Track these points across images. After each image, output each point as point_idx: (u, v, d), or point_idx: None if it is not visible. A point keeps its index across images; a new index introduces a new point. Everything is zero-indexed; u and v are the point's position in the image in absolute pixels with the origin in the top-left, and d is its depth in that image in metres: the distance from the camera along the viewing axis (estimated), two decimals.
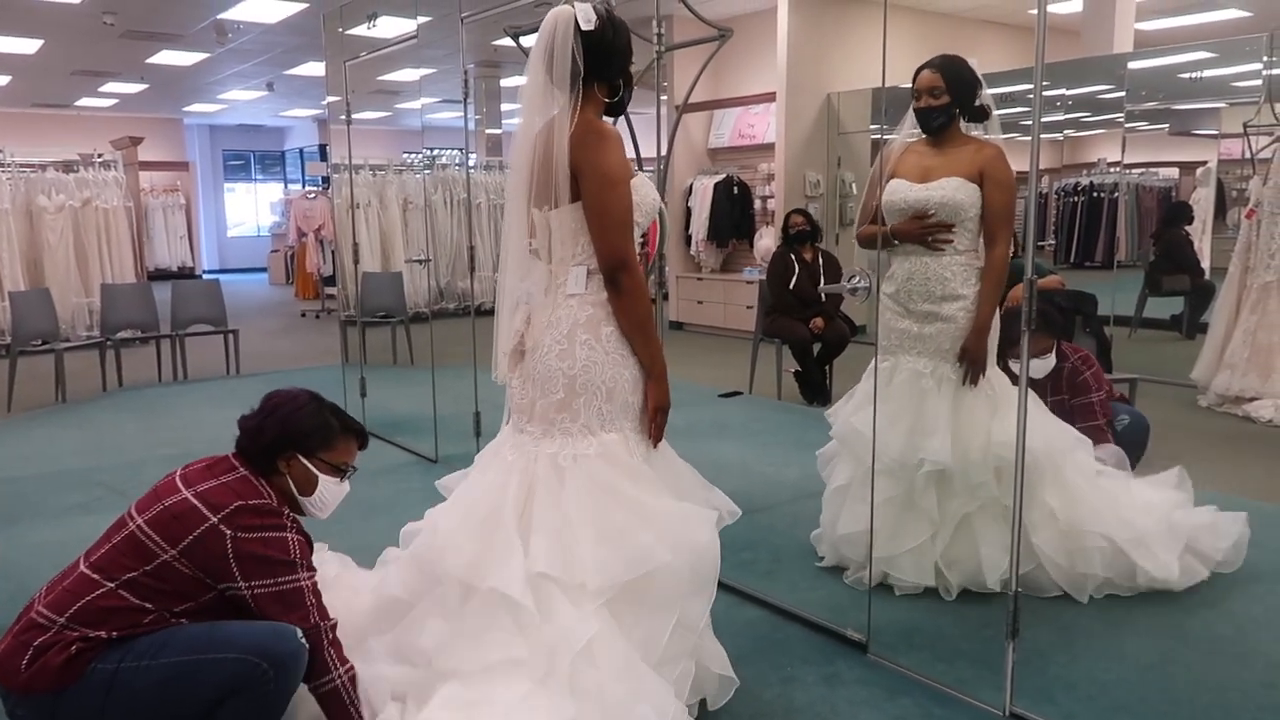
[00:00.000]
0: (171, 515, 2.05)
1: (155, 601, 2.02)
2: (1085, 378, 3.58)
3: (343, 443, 2.31)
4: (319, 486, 2.25)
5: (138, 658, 1.96)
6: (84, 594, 2.00)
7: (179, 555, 2.02)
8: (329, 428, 2.27)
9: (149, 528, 2.05)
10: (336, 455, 2.29)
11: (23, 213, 8.62)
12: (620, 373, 2.24)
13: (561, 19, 2.17)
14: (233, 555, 2.03)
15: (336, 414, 2.32)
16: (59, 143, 12.33)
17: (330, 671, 2.07)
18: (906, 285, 3.15)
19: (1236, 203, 6.47)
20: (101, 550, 2.09)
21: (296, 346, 9.28)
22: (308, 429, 2.24)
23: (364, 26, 5.50)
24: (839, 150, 8.50)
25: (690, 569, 2.18)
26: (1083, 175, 7.55)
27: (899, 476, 3.09)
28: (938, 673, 2.67)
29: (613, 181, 2.17)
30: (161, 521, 2.05)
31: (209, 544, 2.02)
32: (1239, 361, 5.70)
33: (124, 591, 2.00)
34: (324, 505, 2.28)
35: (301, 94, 14.06)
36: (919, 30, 8.18)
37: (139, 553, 2.03)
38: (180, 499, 2.08)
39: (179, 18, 8.98)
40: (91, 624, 1.98)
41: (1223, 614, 3.01)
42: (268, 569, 2.05)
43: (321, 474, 2.25)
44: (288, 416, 2.22)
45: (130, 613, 2.00)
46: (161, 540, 2.03)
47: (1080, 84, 7.34)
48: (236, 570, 2.03)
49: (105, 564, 2.04)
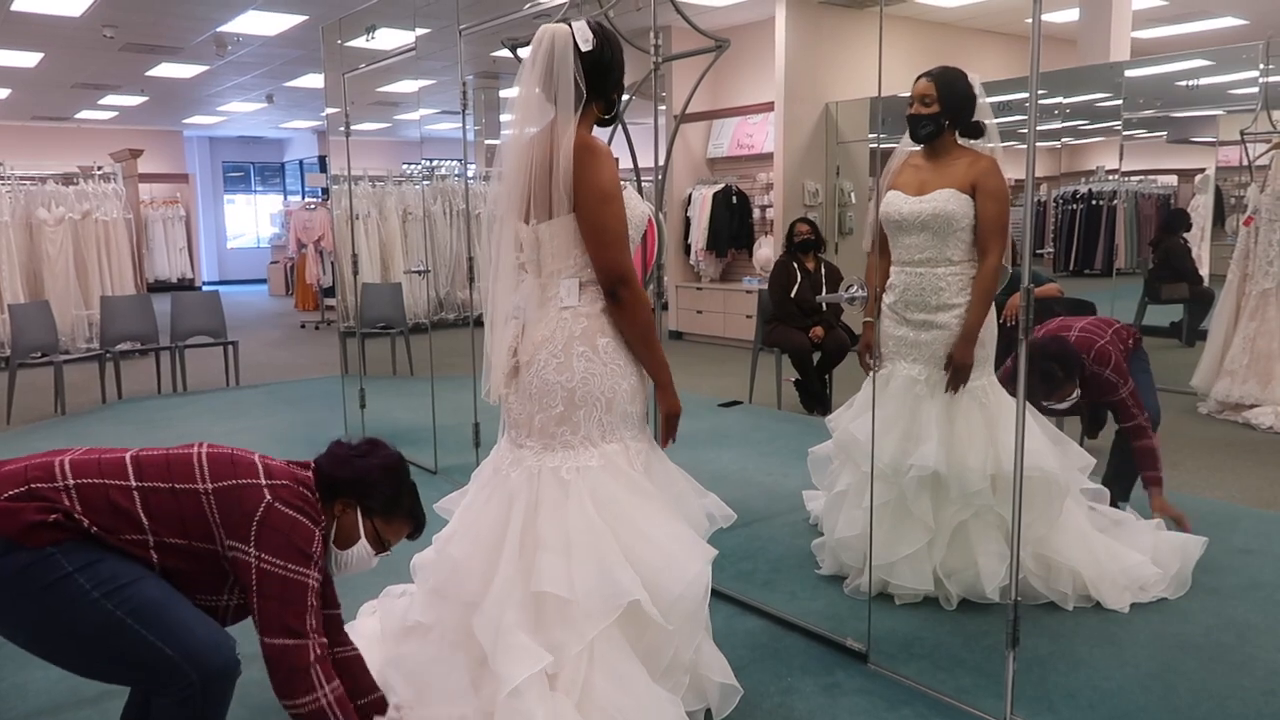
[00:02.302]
0: (231, 459, 2.05)
1: (155, 521, 1.96)
2: (1106, 376, 3.50)
3: (401, 523, 2.26)
4: (355, 547, 2.20)
5: (93, 581, 1.88)
6: (107, 475, 1.96)
7: (211, 492, 1.99)
8: (399, 503, 2.24)
9: (205, 459, 2.04)
10: (389, 529, 2.24)
11: (22, 225, 8.63)
12: (618, 383, 2.24)
13: (559, 39, 2.16)
14: (259, 518, 1.98)
15: (413, 495, 2.28)
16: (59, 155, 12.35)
17: (316, 690, 1.98)
18: (904, 295, 3.20)
19: (1235, 210, 6.49)
20: (154, 452, 2.06)
21: (296, 358, 9.28)
22: (383, 491, 2.20)
23: (363, 39, 5.52)
24: (837, 159, 8.52)
25: (669, 608, 2.14)
26: (1081, 183, 7.56)
27: (893, 482, 3.10)
28: (938, 682, 2.66)
29: (607, 197, 2.17)
30: (219, 459, 2.04)
31: (245, 496, 1.99)
32: (1238, 368, 5.70)
33: (138, 495, 1.96)
34: (346, 565, 2.22)
35: (301, 106, 14.09)
36: (916, 40, 8.21)
37: (181, 471, 2.01)
38: (248, 455, 2.09)
39: (179, 31, 9.01)
40: (87, 505, 1.92)
41: (1224, 621, 3.00)
42: (285, 549, 1.99)
43: (365, 537, 2.21)
44: (373, 469, 2.20)
45: (126, 520, 1.94)
46: (207, 471, 2.01)
47: (1078, 92, 7.35)
48: (255, 534, 1.97)
49: (146, 464, 2.01)
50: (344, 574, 2.24)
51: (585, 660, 2.11)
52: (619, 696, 2.09)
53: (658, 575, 2.14)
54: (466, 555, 2.28)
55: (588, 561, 2.13)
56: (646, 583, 2.13)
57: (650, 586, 2.13)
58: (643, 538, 2.17)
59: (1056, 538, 3.11)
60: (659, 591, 2.13)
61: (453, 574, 2.30)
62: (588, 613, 2.11)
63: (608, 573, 2.11)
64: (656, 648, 2.16)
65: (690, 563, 2.17)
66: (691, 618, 2.19)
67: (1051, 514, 3.08)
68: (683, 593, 2.13)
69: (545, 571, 2.14)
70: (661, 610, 2.13)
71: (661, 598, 2.13)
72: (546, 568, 2.15)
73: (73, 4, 7.85)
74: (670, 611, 2.13)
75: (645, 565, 2.14)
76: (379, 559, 2.26)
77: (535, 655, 2.08)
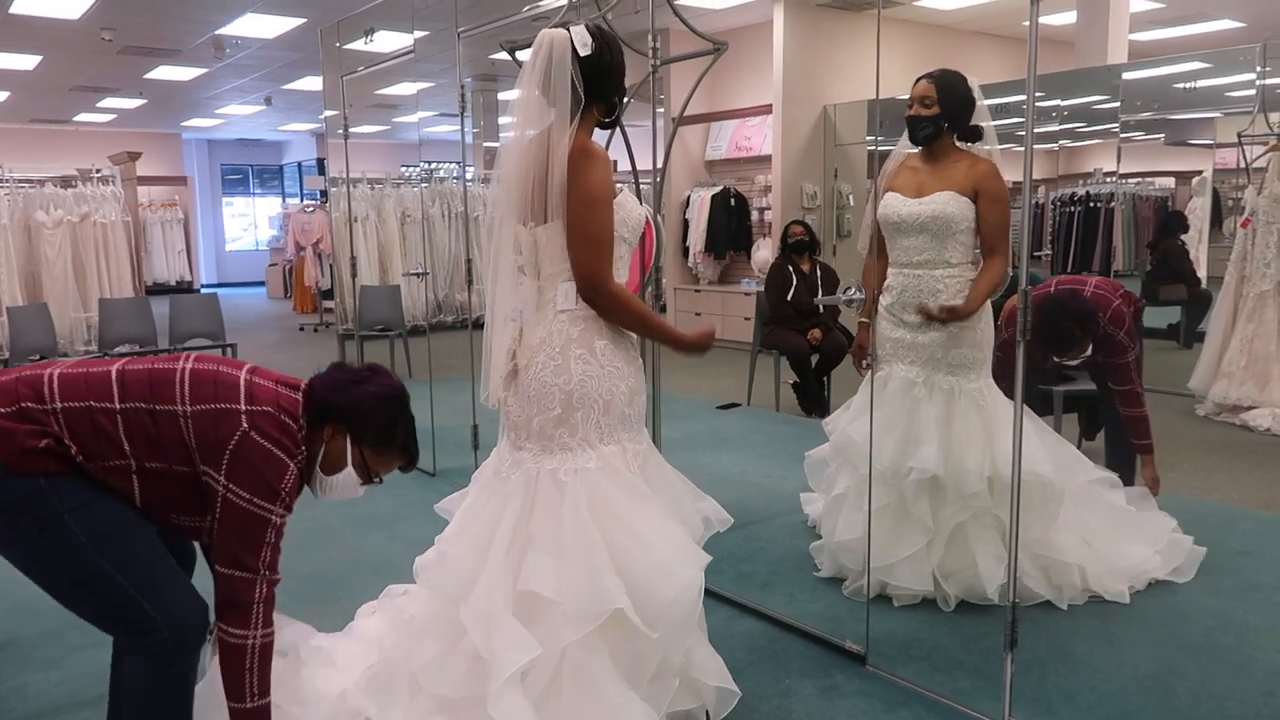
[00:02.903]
0: (214, 378, 2.00)
1: (135, 445, 1.93)
2: (1119, 339, 3.50)
3: (393, 456, 2.21)
4: (342, 473, 2.15)
5: (83, 525, 1.89)
6: (93, 395, 1.93)
7: (189, 414, 1.95)
8: (393, 435, 2.18)
9: (188, 376, 1.99)
10: (378, 461, 2.19)
11: (21, 228, 8.62)
12: (616, 385, 2.24)
13: (558, 43, 2.16)
14: (234, 447, 1.93)
15: (408, 428, 2.22)
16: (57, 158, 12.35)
17: (250, 627, 1.95)
18: (901, 298, 3.20)
19: (1232, 212, 6.49)
20: (139, 365, 2.02)
21: (295, 360, 9.28)
22: (377, 421, 2.14)
23: (361, 41, 5.53)
24: (836, 162, 8.52)
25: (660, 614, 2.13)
26: (1079, 185, 7.57)
27: (892, 484, 3.11)
28: (936, 684, 2.66)
29: (593, 201, 2.17)
30: (201, 377, 1.99)
31: (222, 421, 1.95)
32: (1236, 370, 5.71)
33: (120, 418, 1.93)
34: (331, 490, 2.16)
35: (299, 108, 14.10)
36: (914, 42, 8.23)
37: (162, 389, 1.97)
38: (234, 373, 2.03)
39: (177, 33, 9.01)
40: (73, 431, 1.90)
41: (1222, 623, 3.00)
42: (253, 482, 1.95)
43: (353, 464, 2.15)
44: (368, 397, 2.12)
45: (110, 443, 1.92)
46: (188, 391, 1.97)
47: (1075, 95, 7.37)
48: (226, 462, 1.93)
49: (131, 380, 1.97)
50: (327, 498, 2.19)
51: (555, 663, 2.11)
52: (584, 704, 2.08)
53: (649, 580, 2.13)
54: (458, 553, 2.28)
55: (577, 565, 2.13)
56: (638, 587, 2.12)
57: (642, 591, 2.12)
58: (636, 542, 2.16)
59: (1056, 538, 3.12)
60: (650, 597, 2.12)
61: (442, 569, 2.30)
62: (569, 617, 2.11)
63: (594, 578, 2.11)
64: (643, 654, 2.16)
65: (683, 568, 2.16)
66: (681, 623, 2.18)
67: (1048, 516, 3.09)
68: (675, 598, 2.12)
69: (533, 571, 2.15)
70: (652, 615, 2.12)
71: (653, 603, 2.12)
72: (535, 567, 2.15)
73: (71, 7, 7.85)
74: (661, 617, 2.12)
75: (637, 570, 2.14)
76: (365, 489, 2.21)
77: (528, 644, 2.08)
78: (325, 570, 3.60)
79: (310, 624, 2.70)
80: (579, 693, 2.10)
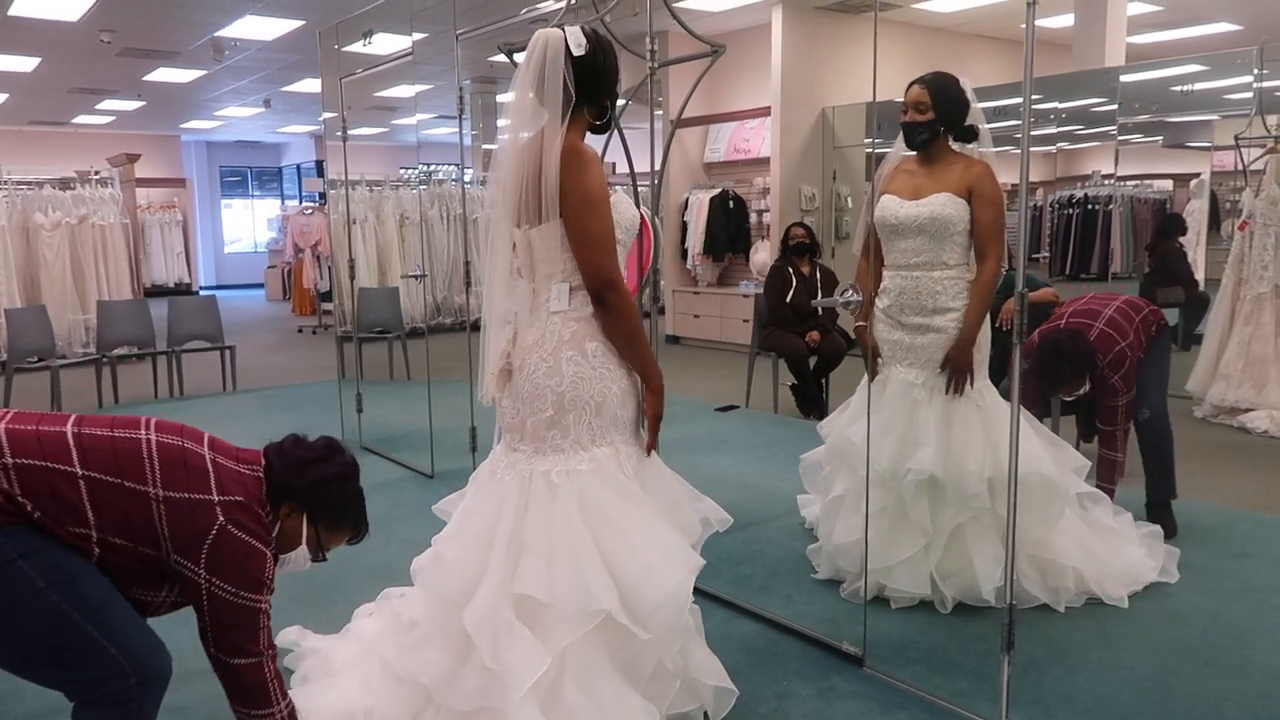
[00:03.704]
0: (183, 460, 1.93)
1: (100, 516, 1.85)
2: (1113, 382, 3.51)
3: (343, 532, 2.22)
4: (296, 551, 2.14)
5: (39, 570, 1.79)
6: (50, 456, 1.83)
7: (162, 500, 1.88)
8: (345, 515, 2.19)
9: (156, 450, 1.91)
10: (330, 538, 2.20)
11: (19, 230, 8.63)
12: (608, 387, 2.24)
13: (552, 42, 2.17)
14: (211, 541, 1.89)
15: (359, 502, 2.23)
16: (56, 160, 12.36)
17: (273, 705, 1.97)
18: (899, 300, 3.20)
19: (1230, 214, 6.50)
20: (97, 431, 1.91)
21: (293, 362, 9.28)
22: (334, 503, 2.15)
23: (360, 43, 5.53)
24: (834, 164, 8.53)
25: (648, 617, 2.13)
26: (1077, 188, 7.58)
27: (890, 486, 3.11)
28: (933, 686, 2.66)
29: (592, 202, 2.18)
30: (170, 457, 1.92)
31: (197, 515, 1.89)
32: (1234, 373, 5.72)
33: (84, 486, 1.84)
34: (284, 566, 2.15)
35: (298, 110, 14.11)
36: (912, 45, 8.24)
37: (130, 465, 1.88)
38: (200, 453, 1.96)
39: (176, 36, 9.01)
40: (28, 490, 1.80)
41: (1220, 625, 3.01)
42: (238, 578, 1.92)
43: (306, 542, 2.15)
44: (329, 480, 2.12)
45: (71, 511, 1.83)
46: (159, 471, 1.89)
47: (1073, 97, 7.37)
48: (205, 557, 1.88)
49: (90, 447, 1.87)
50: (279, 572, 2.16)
51: (556, 666, 2.11)
52: (586, 704, 2.08)
53: (637, 584, 2.13)
54: (454, 554, 2.28)
55: (567, 567, 2.13)
56: (626, 591, 2.13)
57: (630, 595, 2.13)
58: (625, 545, 2.16)
59: (1055, 540, 3.13)
60: (638, 600, 2.13)
61: (438, 570, 2.30)
62: (564, 618, 2.11)
63: (583, 580, 2.11)
64: (639, 656, 2.16)
65: (671, 572, 2.16)
66: (671, 626, 2.18)
67: (1052, 517, 3.09)
68: (662, 602, 2.12)
69: (526, 573, 2.15)
70: (641, 618, 2.12)
71: (640, 606, 2.12)
72: (528, 570, 2.15)
73: (70, 9, 7.85)
74: (648, 620, 2.13)
75: (626, 573, 2.14)
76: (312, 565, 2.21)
77: (539, 656, 2.08)
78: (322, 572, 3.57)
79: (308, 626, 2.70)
80: (581, 693, 2.10)
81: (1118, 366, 3.51)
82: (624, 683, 2.13)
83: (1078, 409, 4.38)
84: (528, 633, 2.11)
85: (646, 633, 2.12)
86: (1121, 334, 3.54)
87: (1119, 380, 3.51)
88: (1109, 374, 3.51)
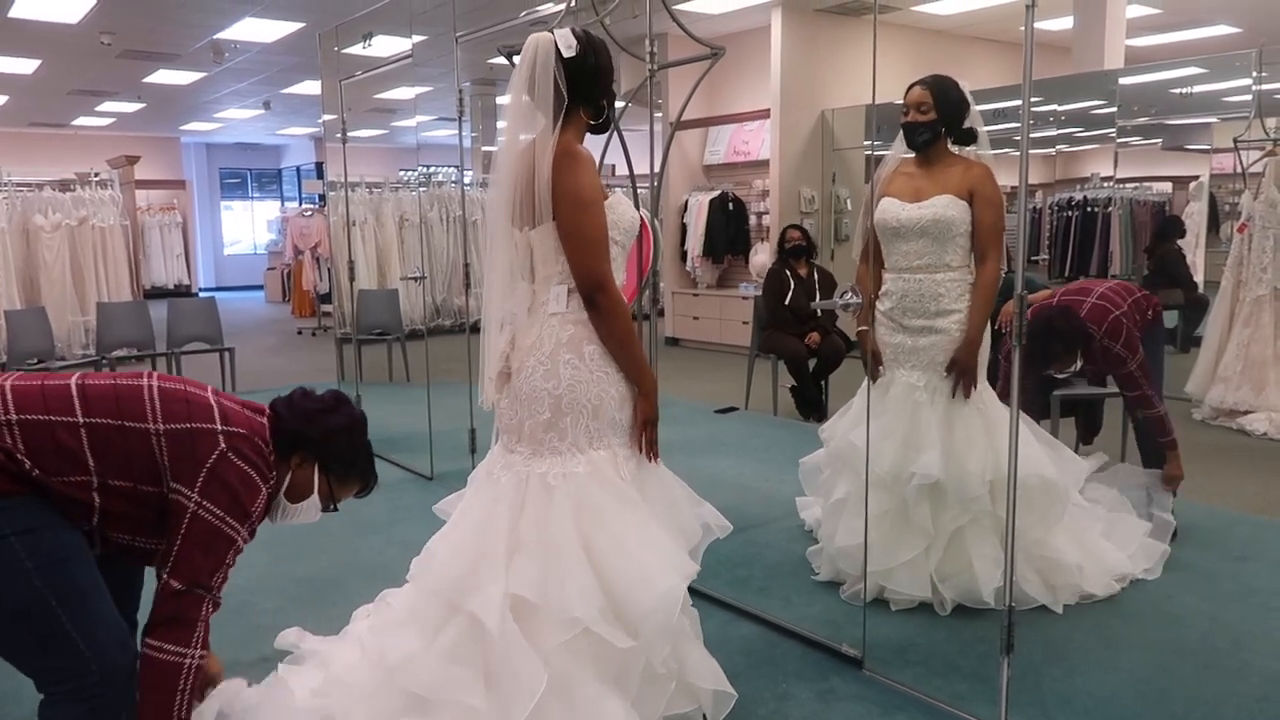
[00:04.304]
0: (186, 399, 1.97)
1: (101, 461, 1.87)
2: (1116, 351, 3.51)
3: (354, 482, 2.25)
4: (306, 501, 2.17)
5: (29, 550, 1.80)
6: (53, 409, 1.86)
7: (162, 433, 1.91)
8: (355, 465, 2.22)
9: (157, 394, 1.95)
10: (341, 488, 2.23)
11: (19, 232, 8.63)
12: (605, 390, 2.24)
13: (542, 45, 2.18)
14: (210, 466, 1.92)
15: (369, 456, 2.26)
16: (56, 162, 12.37)
17: (190, 646, 1.91)
18: (901, 303, 3.20)
19: (1229, 217, 6.50)
20: (99, 382, 1.95)
21: (293, 364, 9.28)
22: (345, 453, 2.18)
23: (359, 46, 5.54)
24: (834, 166, 8.54)
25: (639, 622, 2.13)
26: (1076, 190, 7.58)
27: (893, 489, 3.11)
28: (933, 688, 2.66)
29: (584, 204, 2.18)
30: (172, 396, 1.96)
31: (198, 442, 1.92)
32: (1233, 375, 5.72)
33: (85, 433, 1.87)
34: (293, 516, 2.18)
35: (298, 112, 14.11)
36: (911, 47, 8.24)
37: (131, 407, 1.92)
38: (202, 394, 2.01)
39: (176, 38, 9.02)
40: (29, 445, 1.82)
41: (1219, 628, 3.01)
42: (228, 501, 1.94)
43: (318, 492, 2.18)
44: (339, 428, 2.16)
45: (71, 460, 1.85)
46: (159, 410, 1.93)
47: (1072, 100, 7.38)
48: (202, 480, 1.91)
49: (94, 395, 1.91)
50: (285, 523, 2.20)
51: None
52: (558, 708, 2.08)
53: (630, 588, 2.13)
54: (446, 552, 2.28)
55: (559, 570, 2.13)
56: (619, 595, 2.13)
57: (622, 599, 2.13)
58: (619, 549, 2.16)
59: (1054, 539, 3.14)
60: (630, 605, 2.12)
61: (429, 567, 2.30)
62: (552, 620, 2.11)
63: (564, 587, 2.11)
64: (630, 661, 2.16)
65: (663, 578, 2.15)
66: (662, 631, 2.17)
67: (1053, 518, 3.10)
68: (655, 607, 2.12)
69: (519, 575, 2.15)
70: (632, 623, 2.12)
71: (632, 611, 2.12)
72: (521, 571, 2.15)
73: (71, 11, 7.86)
74: (640, 625, 2.12)
75: (619, 577, 2.14)
76: (322, 515, 2.24)
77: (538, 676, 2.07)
78: (321, 574, 3.60)
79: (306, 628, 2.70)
80: (554, 697, 2.09)
81: (1116, 335, 3.50)
82: (604, 688, 2.12)
83: (1077, 411, 4.38)
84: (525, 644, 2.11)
85: (629, 639, 2.12)
86: (1115, 304, 3.57)
87: (1122, 349, 3.50)
88: (1110, 343, 3.50)
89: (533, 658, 2.10)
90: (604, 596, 2.13)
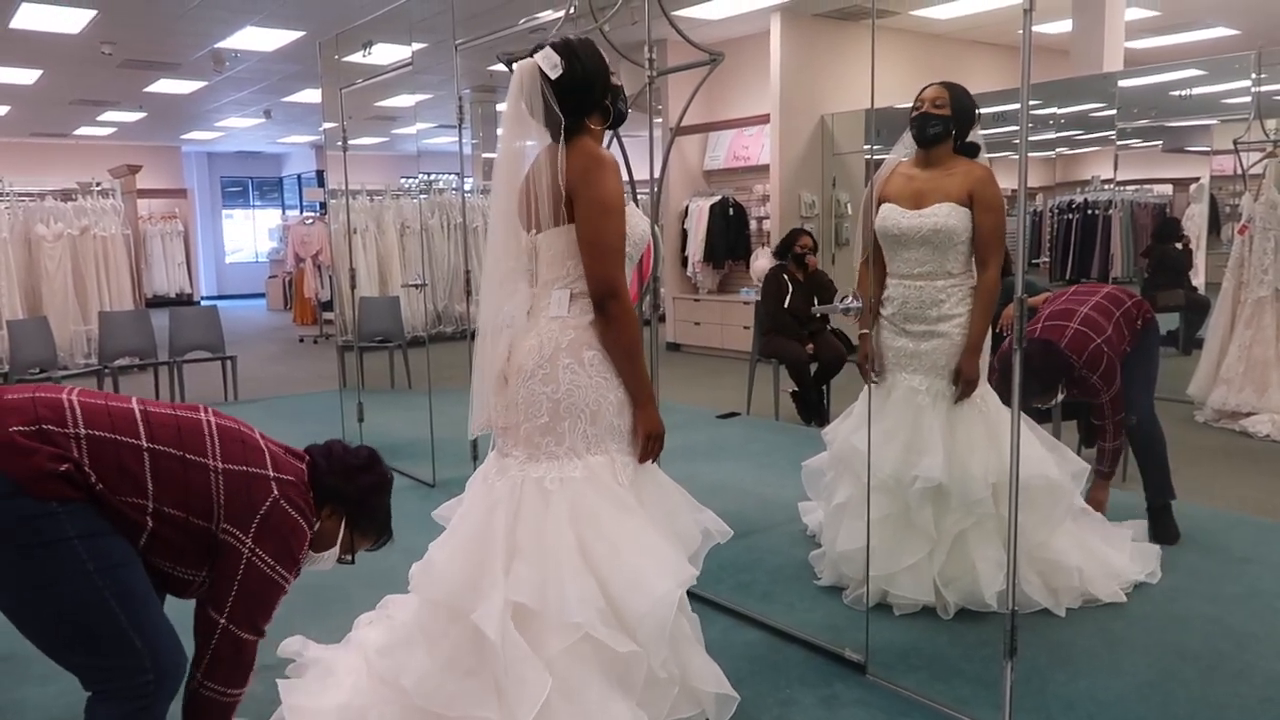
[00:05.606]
0: (241, 440, 2.04)
1: (160, 487, 1.92)
2: (1092, 382, 3.54)
3: (372, 538, 2.34)
4: (328, 552, 2.23)
5: (91, 552, 1.84)
6: (119, 430, 1.91)
7: (221, 472, 1.97)
8: (379, 522, 2.32)
9: (216, 431, 2.01)
10: (361, 541, 2.31)
11: (21, 241, 8.64)
12: (604, 395, 2.24)
13: (527, 74, 2.18)
14: (264, 512, 1.99)
15: (389, 513, 2.36)
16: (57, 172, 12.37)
17: (243, 687, 2.05)
18: (903, 308, 3.20)
19: (1230, 218, 6.51)
20: (162, 410, 2.00)
21: (294, 372, 9.29)
22: (373, 511, 2.28)
23: (360, 54, 5.55)
24: (834, 171, 8.55)
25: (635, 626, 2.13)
26: (1077, 193, 7.59)
27: (895, 493, 3.10)
28: (936, 692, 2.66)
29: (608, 209, 2.17)
30: (230, 436, 2.03)
31: (254, 487, 2.00)
32: (1235, 377, 5.71)
33: (148, 458, 1.91)
34: (312, 564, 2.23)
35: (299, 121, 14.14)
36: (910, 52, 8.25)
37: (192, 440, 1.97)
38: (256, 438, 2.09)
39: (177, 47, 9.04)
40: (95, 460, 1.86)
41: (1222, 630, 3.00)
42: (278, 550, 2.01)
43: (340, 545, 2.25)
44: (373, 489, 2.26)
45: (131, 482, 1.89)
46: (219, 448, 1.99)
47: (1072, 102, 7.39)
48: (255, 528, 1.98)
49: (157, 424, 1.96)
50: (305, 569, 2.22)
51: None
52: (572, 716, 2.09)
53: (625, 592, 2.13)
54: (443, 559, 2.28)
55: (558, 576, 2.13)
56: (614, 599, 2.13)
57: (618, 603, 2.13)
58: (615, 553, 2.16)
59: (1057, 541, 3.14)
60: (625, 609, 2.12)
61: (427, 575, 2.30)
62: (552, 626, 2.11)
63: (563, 591, 2.11)
64: (633, 664, 2.16)
65: (659, 583, 2.14)
66: (658, 635, 2.16)
67: (1056, 520, 3.10)
68: (649, 611, 2.12)
69: (517, 581, 2.15)
70: (628, 626, 2.12)
71: (629, 614, 2.12)
72: (519, 577, 2.15)
73: (71, 21, 7.88)
74: (635, 629, 2.12)
75: (614, 581, 2.14)
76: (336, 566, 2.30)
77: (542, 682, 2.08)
78: (323, 582, 3.57)
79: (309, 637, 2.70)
80: (564, 701, 2.10)
81: (1094, 365, 3.52)
82: (612, 690, 2.13)
83: (1079, 413, 4.38)
84: (528, 649, 2.11)
85: (630, 644, 2.12)
86: (1098, 330, 3.56)
87: (1098, 380, 3.54)
88: (1087, 374, 3.53)
89: (536, 664, 2.10)
90: (603, 601, 2.13)
